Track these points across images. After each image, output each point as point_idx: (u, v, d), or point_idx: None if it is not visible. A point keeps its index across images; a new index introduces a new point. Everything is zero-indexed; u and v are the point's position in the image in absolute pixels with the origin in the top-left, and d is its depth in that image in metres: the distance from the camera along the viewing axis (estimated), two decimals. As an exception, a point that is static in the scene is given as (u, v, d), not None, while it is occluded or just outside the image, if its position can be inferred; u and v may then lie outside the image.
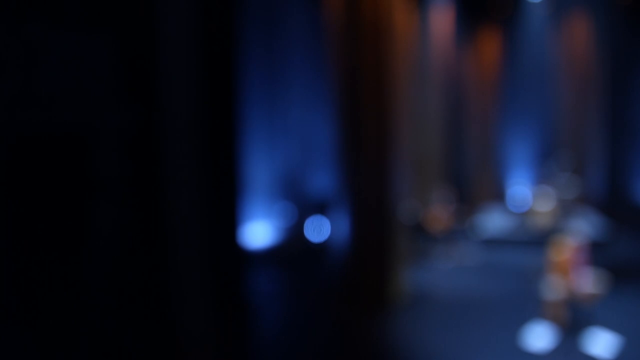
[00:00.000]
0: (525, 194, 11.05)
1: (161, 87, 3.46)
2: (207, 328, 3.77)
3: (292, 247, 5.57)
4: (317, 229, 5.73)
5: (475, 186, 11.80)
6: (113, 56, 3.19)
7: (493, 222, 10.49)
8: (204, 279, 3.76)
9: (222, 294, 3.93)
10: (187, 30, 3.70)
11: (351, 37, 6.41)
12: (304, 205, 5.69)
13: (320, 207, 5.85)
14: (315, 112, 6.36)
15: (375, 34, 6.47)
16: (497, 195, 12.03)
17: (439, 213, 9.31)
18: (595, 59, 11.40)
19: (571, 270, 5.76)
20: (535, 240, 9.63)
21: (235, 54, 4.06)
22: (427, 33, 10.29)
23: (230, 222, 3.99)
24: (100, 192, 3.05)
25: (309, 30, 6.62)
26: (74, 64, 2.98)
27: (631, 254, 9.03)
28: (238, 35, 4.11)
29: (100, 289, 3.10)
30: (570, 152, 11.42)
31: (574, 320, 5.85)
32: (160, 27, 3.49)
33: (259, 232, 5.10)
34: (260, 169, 5.33)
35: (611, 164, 11.29)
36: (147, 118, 3.37)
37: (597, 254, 7.58)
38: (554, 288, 5.80)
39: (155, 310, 3.44)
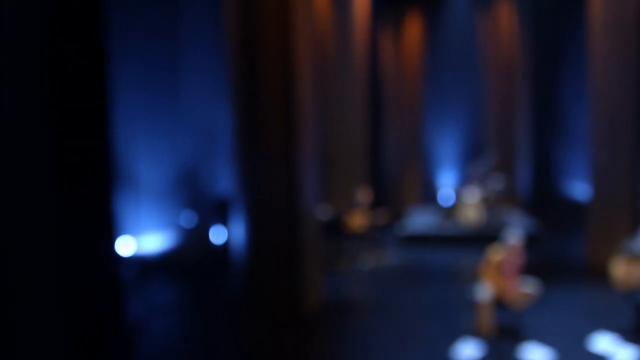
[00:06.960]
0: (451, 191, 10.74)
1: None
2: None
3: (188, 254, 4.82)
4: (217, 232, 5.00)
5: (399, 185, 11.50)
6: None
7: (417, 220, 10.14)
8: (62, 303, 2.98)
9: (90, 319, 3.17)
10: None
11: (254, 22, 5.78)
12: (202, 206, 4.95)
13: (221, 208, 5.12)
14: (215, 105, 5.66)
15: (281, 18, 5.82)
16: (422, 194, 11.77)
17: (360, 213, 8.77)
18: (520, 48, 11.32)
19: (504, 272, 5.44)
20: (460, 236, 9.41)
21: (106, 25, 3.27)
22: (347, 19, 9.66)
23: (99, 227, 3.23)
24: None
25: (208, 14, 5.91)
26: None
27: (556, 251, 8.88)
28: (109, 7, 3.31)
29: None
30: (496, 149, 11.30)
31: (503, 325, 5.51)
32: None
33: (147, 239, 4.31)
34: (148, 166, 4.54)
35: (537, 161, 11.27)
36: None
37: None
38: (484, 289, 5.40)
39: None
